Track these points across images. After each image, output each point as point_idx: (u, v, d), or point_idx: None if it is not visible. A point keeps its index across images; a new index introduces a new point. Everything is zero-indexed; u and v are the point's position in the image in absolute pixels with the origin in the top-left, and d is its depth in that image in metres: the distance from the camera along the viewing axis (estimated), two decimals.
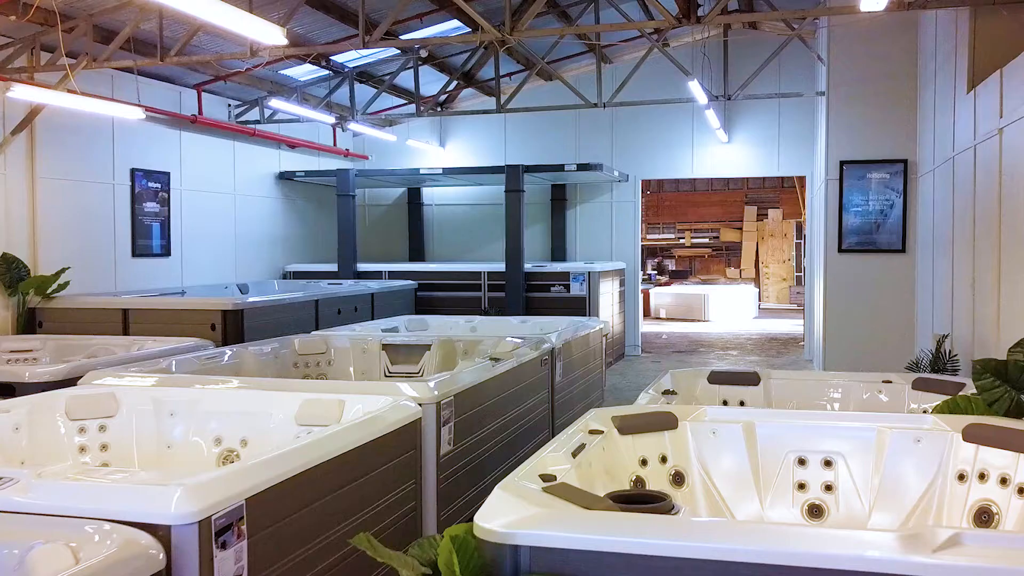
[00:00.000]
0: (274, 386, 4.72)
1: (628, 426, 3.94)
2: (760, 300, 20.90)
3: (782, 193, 23.85)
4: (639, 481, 3.86)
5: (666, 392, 5.28)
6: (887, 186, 8.96)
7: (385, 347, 6.92)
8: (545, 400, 6.68)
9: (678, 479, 3.96)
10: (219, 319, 7.61)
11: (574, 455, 3.39)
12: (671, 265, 24.48)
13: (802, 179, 21.05)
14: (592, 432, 3.77)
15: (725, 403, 5.82)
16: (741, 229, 24.02)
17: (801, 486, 3.92)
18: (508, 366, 5.75)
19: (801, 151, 12.48)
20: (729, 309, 19.00)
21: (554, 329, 8.30)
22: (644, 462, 3.91)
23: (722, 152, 12.83)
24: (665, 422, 4.05)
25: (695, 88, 8.85)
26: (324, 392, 4.55)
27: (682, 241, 24.63)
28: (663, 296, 19.49)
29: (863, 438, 3.90)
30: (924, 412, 5.33)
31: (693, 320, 18.63)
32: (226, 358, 6.28)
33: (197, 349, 6.96)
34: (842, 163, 9.05)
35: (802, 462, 3.94)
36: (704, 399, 5.84)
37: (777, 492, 3.96)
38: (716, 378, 5.88)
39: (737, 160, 12.82)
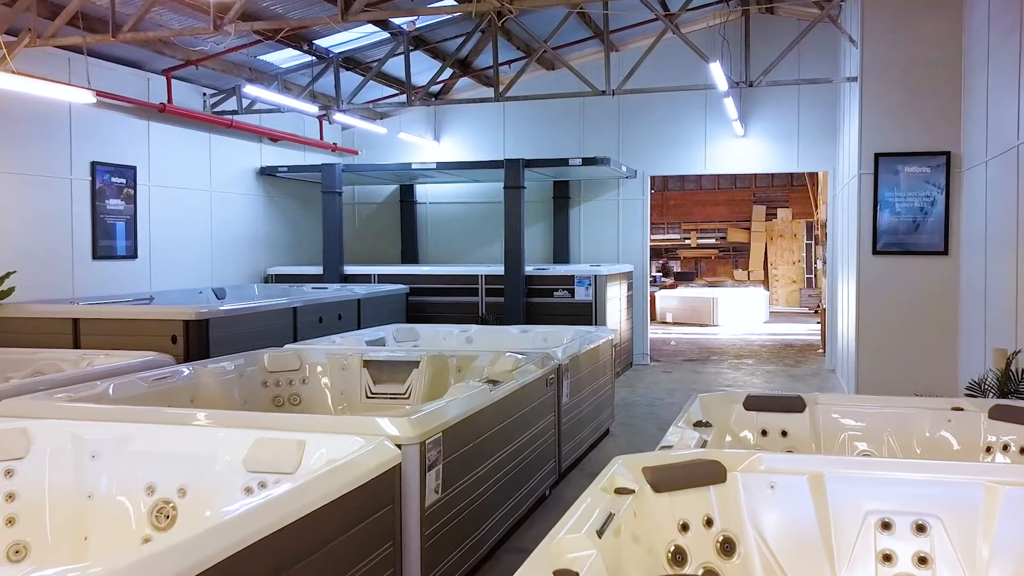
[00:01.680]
0: (221, 420, 3.84)
1: (665, 481, 3.08)
2: (769, 303, 20.00)
3: (791, 192, 22.97)
4: (679, 554, 2.99)
5: (698, 424, 4.42)
6: (927, 181, 8.10)
7: (367, 364, 6.05)
8: (551, 426, 5.81)
9: (727, 548, 3.10)
10: (180, 330, 6.74)
11: (600, 533, 2.51)
12: (676, 267, 23.59)
13: (813, 176, 20.22)
14: (620, 491, 2.91)
15: (764, 433, 4.98)
16: (749, 229, 23.12)
17: (886, 558, 3.06)
18: (508, 389, 4.88)
19: (823, 145, 11.61)
20: (739, 313, 18.14)
21: (559, 341, 7.44)
22: (685, 527, 3.05)
23: (737, 147, 11.96)
24: (710, 474, 3.18)
25: (716, 71, 7.96)
26: (280, 430, 3.68)
27: (687, 242, 23.73)
28: (669, 299, 18.62)
29: (966, 496, 3.03)
30: (1006, 447, 4.49)
31: (701, 324, 17.76)
32: (180, 378, 5.41)
33: (156, 366, 6.15)
34: (877, 156, 8.19)
35: (886, 526, 3.08)
36: (740, 429, 4.98)
37: (855, 565, 3.09)
38: (753, 404, 5.03)
39: (753, 155, 11.94)
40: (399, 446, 3.58)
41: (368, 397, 5.98)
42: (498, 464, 4.69)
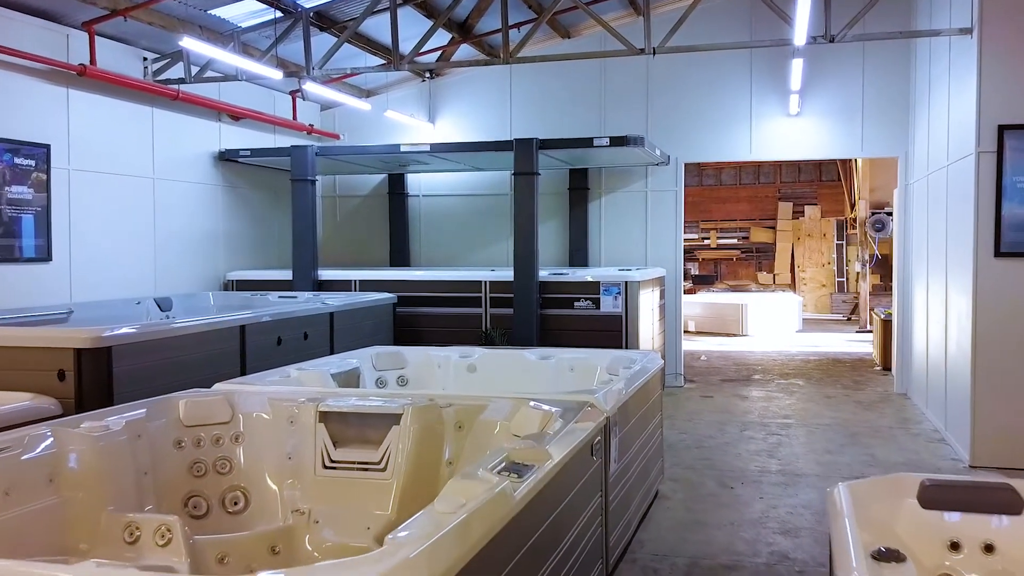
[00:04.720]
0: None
1: None
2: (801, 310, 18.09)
3: (820, 187, 21.07)
4: None
5: (882, 556, 2.56)
6: None
7: (325, 416, 4.15)
8: (598, 511, 3.92)
9: None
10: (71, 362, 4.84)
11: None
12: (694, 269, 21.68)
13: (847, 168, 18.32)
14: None
15: (955, 547, 3.11)
16: (774, 228, 21.21)
17: None
18: (542, 477, 2.99)
19: (892, 125, 9.72)
20: (769, 321, 16.26)
21: (592, 373, 5.59)
22: None
23: (790, 128, 10.06)
24: None
25: (801, 13, 6.08)
26: None
27: (707, 242, 21.83)
28: (692, 306, 16.71)
29: None
30: None
31: (728, 335, 15.88)
32: (35, 448, 3.53)
33: (35, 415, 4.43)
34: (1001, 128, 6.35)
35: None
36: (917, 540, 3.13)
37: None
38: (934, 499, 3.15)
39: (810, 138, 10.03)
40: None
41: (326, 467, 4.09)
42: None
